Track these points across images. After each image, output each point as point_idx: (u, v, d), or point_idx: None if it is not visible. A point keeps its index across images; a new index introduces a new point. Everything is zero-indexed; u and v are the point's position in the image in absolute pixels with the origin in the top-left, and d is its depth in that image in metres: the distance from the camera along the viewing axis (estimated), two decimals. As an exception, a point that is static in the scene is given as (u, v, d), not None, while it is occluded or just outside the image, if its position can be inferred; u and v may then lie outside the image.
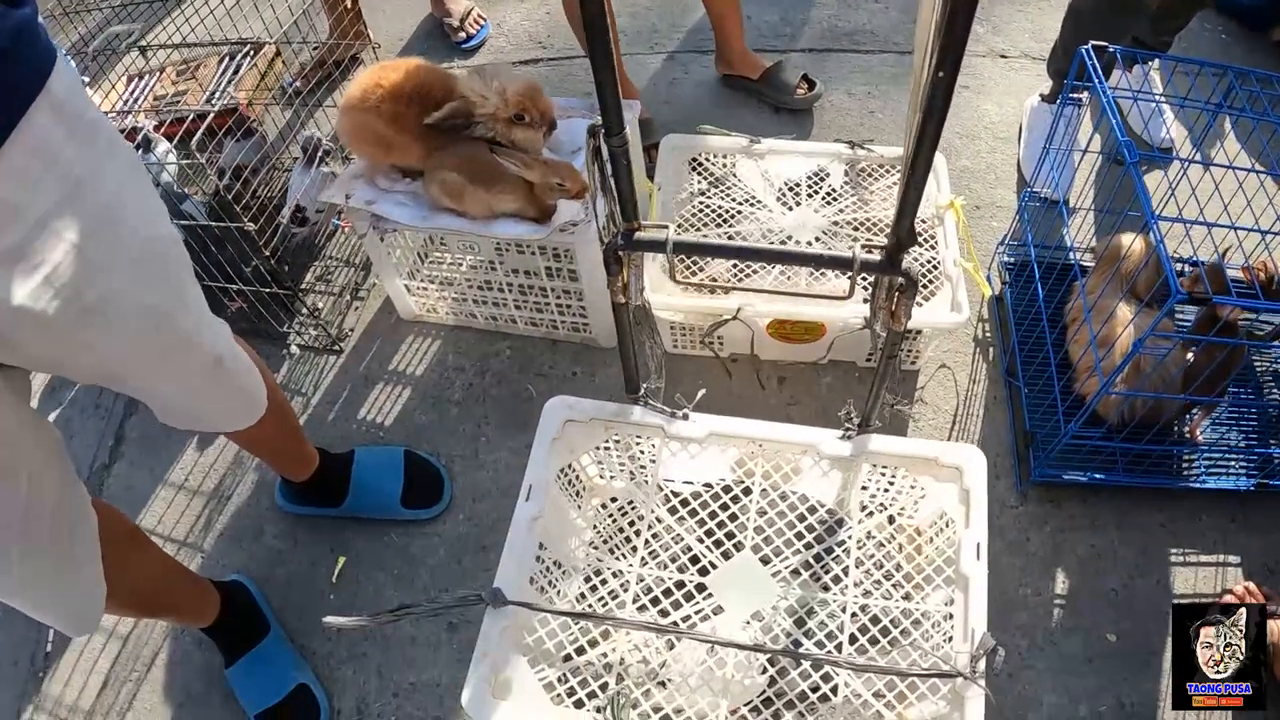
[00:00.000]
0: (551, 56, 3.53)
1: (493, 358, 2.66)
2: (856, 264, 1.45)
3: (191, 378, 1.56)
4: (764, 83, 3.12)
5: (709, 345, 2.34)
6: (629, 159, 1.44)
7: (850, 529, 1.86)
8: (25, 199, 1.11)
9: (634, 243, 1.54)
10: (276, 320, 2.71)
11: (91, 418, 2.72)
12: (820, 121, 3.14)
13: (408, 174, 2.38)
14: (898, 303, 1.55)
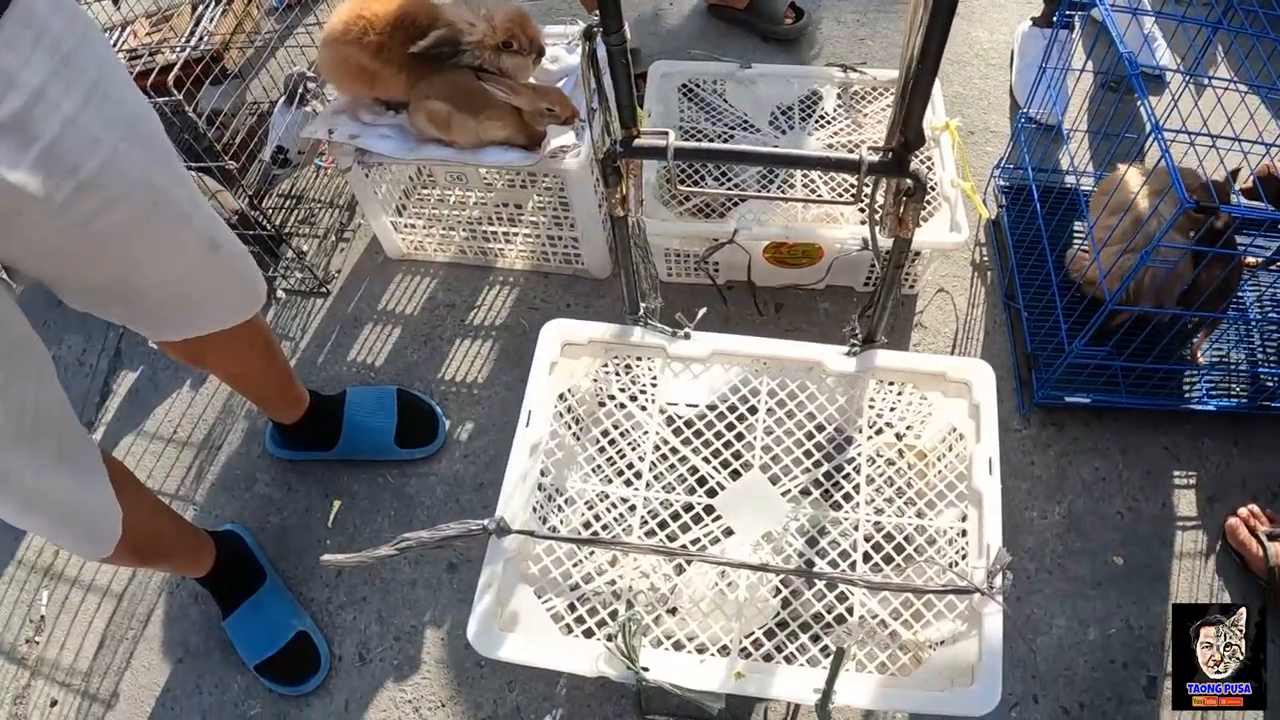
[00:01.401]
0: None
1: (484, 293, 2.61)
2: (864, 165, 1.40)
3: (188, 261, 1.52)
4: (751, 12, 3.06)
5: (705, 271, 2.29)
6: (628, 59, 1.38)
7: (859, 446, 1.82)
8: (19, 69, 1.10)
9: (633, 149, 1.48)
10: (261, 265, 2.59)
11: (76, 376, 2.66)
12: (809, 50, 3.08)
13: (392, 107, 2.31)
14: (906, 207, 1.50)
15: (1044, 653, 2.00)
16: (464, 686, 2.04)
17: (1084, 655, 2.00)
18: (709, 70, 2.56)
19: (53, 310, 2.80)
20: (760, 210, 2.29)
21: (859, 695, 1.47)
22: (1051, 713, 1.94)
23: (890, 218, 1.53)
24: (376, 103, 2.31)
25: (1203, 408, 2.21)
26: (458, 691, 2.03)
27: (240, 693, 2.07)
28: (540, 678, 2.02)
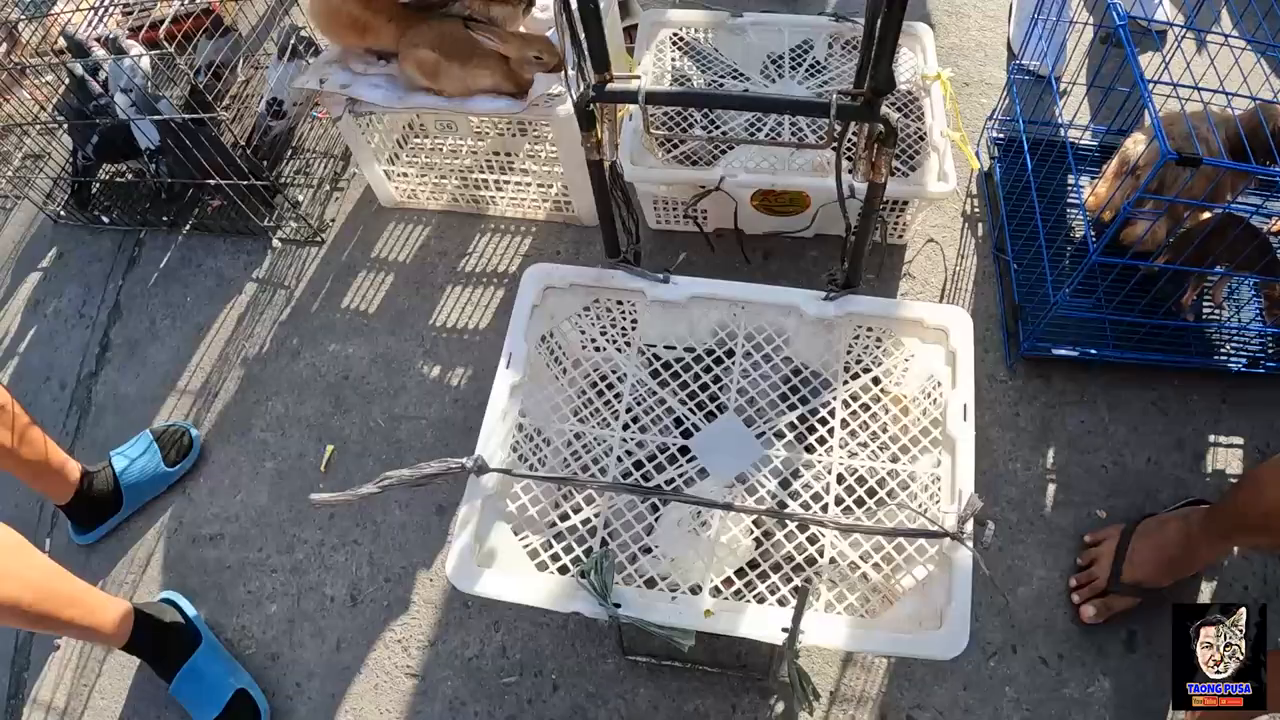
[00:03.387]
0: None
1: (476, 241, 2.62)
2: (833, 108, 1.40)
3: None
4: None
5: (692, 218, 2.29)
6: (598, 4, 1.39)
7: (835, 391, 1.82)
8: None
9: (605, 94, 1.49)
10: (257, 215, 2.68)
11: (76, 328, 2.69)
12: (808, 4, 3.05)
13: (383, 56, 2.32)
14: (878, 152, 1.51)
15: (1024, 603, 2.00)
16: (452, 626, 2.06)
17: (1064, 607, 2.00)
18: (699, 19, 2.54)
19: (53, 263, 2.83)
20: (748, 158, 2.29)
21: (827, 635, 1.48)
22: (1029, 663, 1.95)
23: (863, 162, 1.54)
24: (368, 53, 2.32)
25: (1191, 364, 2.20)
26: (446, 631, 2.06)
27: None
28: (525, 618, 2.05)
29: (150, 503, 2.32)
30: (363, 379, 2.41)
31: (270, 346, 2.52)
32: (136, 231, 2.85)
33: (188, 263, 2.74)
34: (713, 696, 1.94)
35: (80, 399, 2.56)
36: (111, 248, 2.83)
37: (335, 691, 2.04)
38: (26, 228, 2.99)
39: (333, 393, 2.41)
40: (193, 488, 2.34)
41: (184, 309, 2.64)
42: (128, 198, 2.94)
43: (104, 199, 2.97)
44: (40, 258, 2.88)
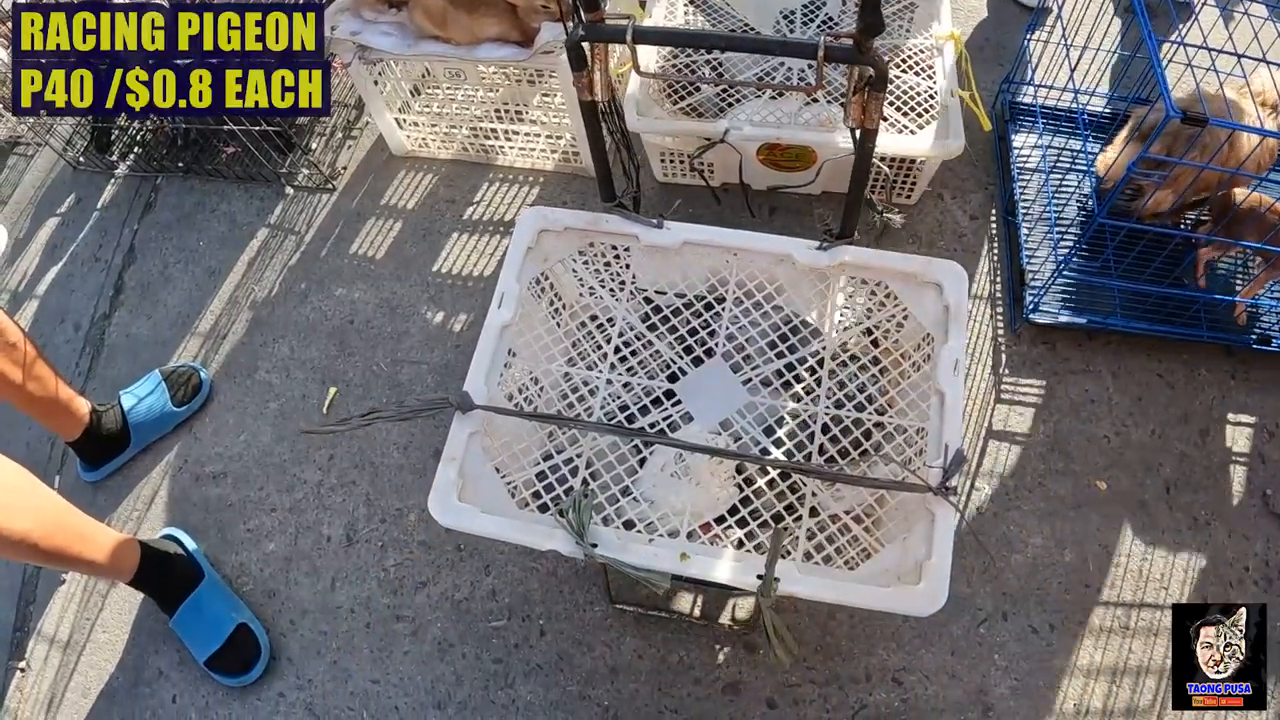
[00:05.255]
0: None
1: (483, 190, 2.63)
2: (821, 49, 1.39)
3: None
4: None
5: (698, 171, 2.28)
6: None
7: (825, 341, 1.81)
8: None
9: (594, 32, 1.49)
10: (271, 161, 2.70)
11: (91, 271, 2.71)
12: None
13: (393, 4, 2.32)
14: (868, 97, 1.49)
15: (1017, 570, 1.99)
16: (444, 568, 2.08)
17: (1058, 577, 1.99)
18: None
19: (71, 208, 2.86)
20: (754, 111, 2.27)
21: (803, 585, 1.47)
22: (1020, 631, 1.94)
23: (854, 107, 1.52)
24: (379, 1, 2.32)
25: (1199, 337, 2.17)
26: (437, 573, 2.08)
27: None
28: (515, 563, 2.06)
29: (157, 441, 2.35)
30: (367, 323, 2.43)
31: (279, 290, 2.54)
32: (153, 178, 2.86)
33: (202, 208, 2.76)
34: (698, 648, 1.94)
35: (94, 340, 2.59)
36: (128, 194, 2.85)
37: (328, 629, 2.05)
38: (46, 173, 3.01)
39: (338, 336, 2.42)
40: (199, 427, 2.36)
41: (196, 253, 2.66)
42: (145, 145, 2.95)
43: (122, 146, 2.98)
44: (59, 203, 2.90)
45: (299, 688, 2.01)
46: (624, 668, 1.94)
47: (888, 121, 2.28)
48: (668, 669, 1.93)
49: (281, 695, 2.01)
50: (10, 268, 2.74)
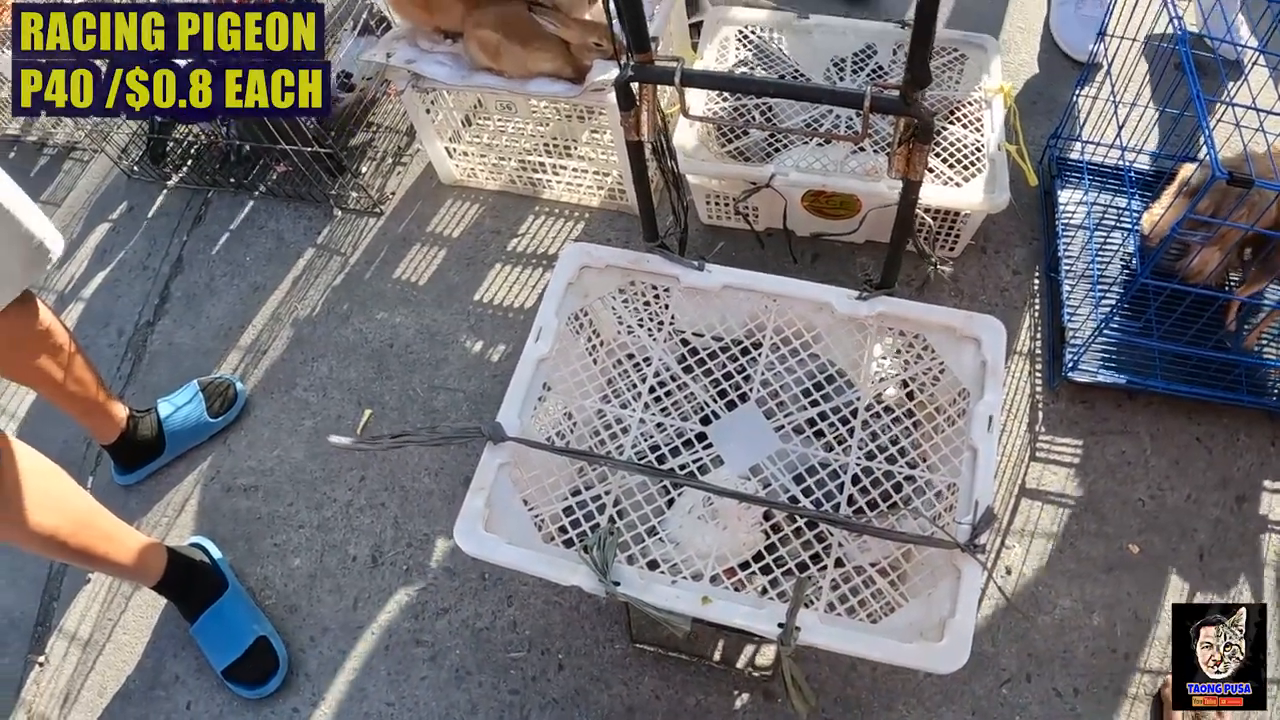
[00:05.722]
0: None
1: (529, 223, 2.65)
2: (867, 99, 1.40)
3: None
4: None
5: (743, 215, 2.28)
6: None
7: (859, 392, 1.81)
8: None
9: (643, 73, 1.50)
10: (321, 183, 2.74)
11: (139, 278, 2.76)
12: (876, 10, 3.02)
13: (449, 35, 2.36)
14: (913, 148, 1.49)
15: (1043, 631, 1.96)
16: (466, 596, 2.08)
17: (1085, 640, 1.96)
18: (765, 18, 2.53)
19: (123, 215, 2.91)
20: (800, 158, 2.28)
21: (824, 636, 1.46)
22: (1043, 694, 1.91)
23: (898, 158, 1.52)
24: (435, 31, 2.37)
25: (1241, 401, 2.14)
26: (460, 600, 2.08)
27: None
28: (537, 595, 2.06)
29: (191, 450, 2.38)
30: (407, 348, 2.45)
31: (321, 310, 2.57)
32: (204, 191, 2.91)
33: (250, 224, 2.80)
34: (716, 693, 1.93)
35: (136, 345, 2.63)
36: (179, 205, 2.89)
37: (347, 649, 2.06)
38: (101, 180, 3.07)
39: (377, 359, 2.44)
40: (233, 439, 2.39)
41: (243, 268, 2.69)
42: (198, 158, 3.00)
43: (176, 158, 3.03)
44: (111, 209, 2.95)
45: (313, 704, 2.02)
46: (641, 707, 1.93)
47: (933, 173, 2.28)
48: (685, 711, 1.92)
49: (295, 710, 2.02)
50: (60, 270, 2.79)
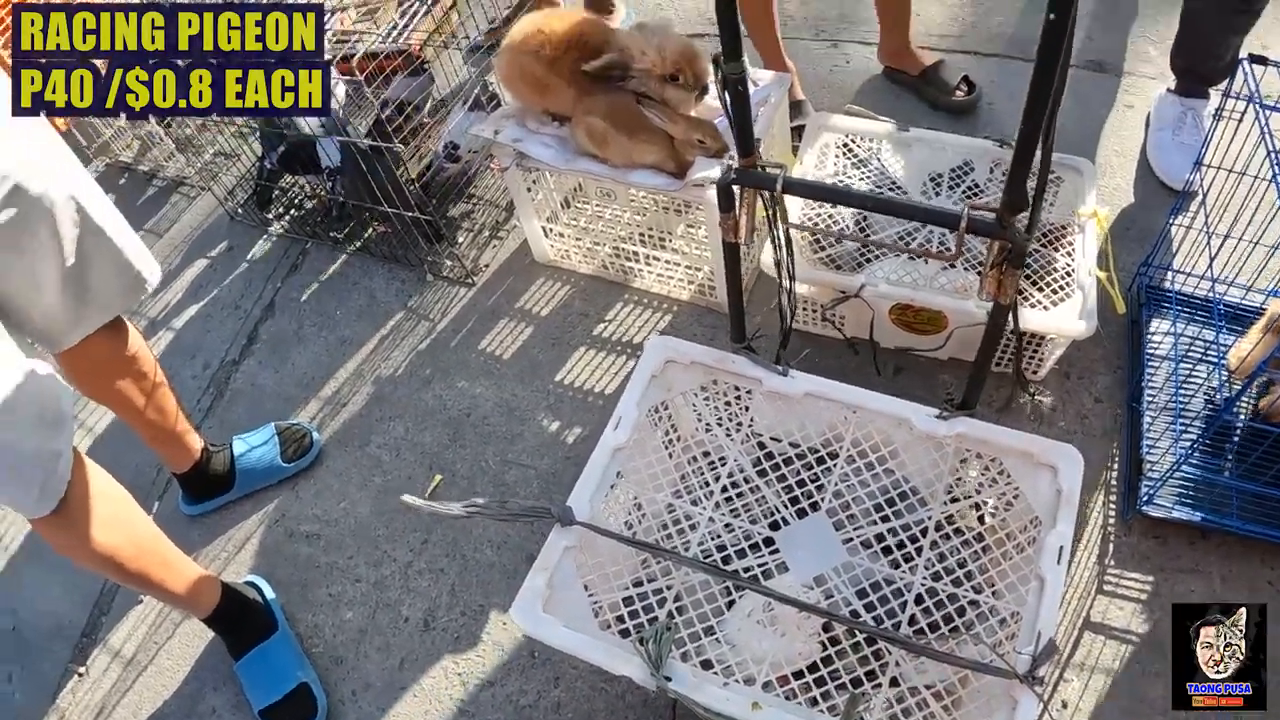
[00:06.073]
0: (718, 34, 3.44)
1: (617, 309, 2.68)
2: (963, 220, 1.42)
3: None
4: (924, 79, 3.06)
5: (830, 321, 2.31)
6: (746, 88, 1.46)
7: (931, 511, 1.81)
8: None
9: (745, 177, 1.54)
10: (417, 248, 2.82)
11: (230, 316, 2.87)
12: (976, 125, 3.04)
13: (557, 118, 2.43)
14: (1005, 272, 1.51)
15: (1096, 772, 1.94)
16: (514, 672, 2.09)
17: (1139, 783, 1.93)
18: (866, 128, 2.58)
19: (222, 254, 3.03)
20: (890, 271, 2.30)
21: (874, 755, 1.46)
22: (1089, 835, 1.88)
23: (990, 280, 1.54)
24: (544, 113, 2.44)
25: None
26: (507, 675, 2.09)
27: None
28: (585, 680, 2.06)
29: (259, 490, 2.45)
30: (484, 419, 2.49)
31: (404, 371, 2.63)
32: (303, 241, 3.01)
33: (344, 279, 2.89)
34: (755, 800, 1.92)
35: (219, 381, 2.73)
36: (278, 251, 3.00)
37: (386, 707, 2.09)
38: (205, 217, 3.21)
39: (453, 426, 2.49)
40: (302, 485, 2.46)
41: (332, 320, 2.78)
42: (301, 209, 3.11)
43: (279, 206, 3.14)
44: (211, 247, 3.07)
45: (346, 758, 2.06)
46: (678, 804, 1.92)
47: (1022, 295, 2.28)
48: (723, 815, 1.91)
49: (328, 761, 2.07)
50: (154, 299, 2.91)
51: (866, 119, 2.58)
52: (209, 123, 3.16)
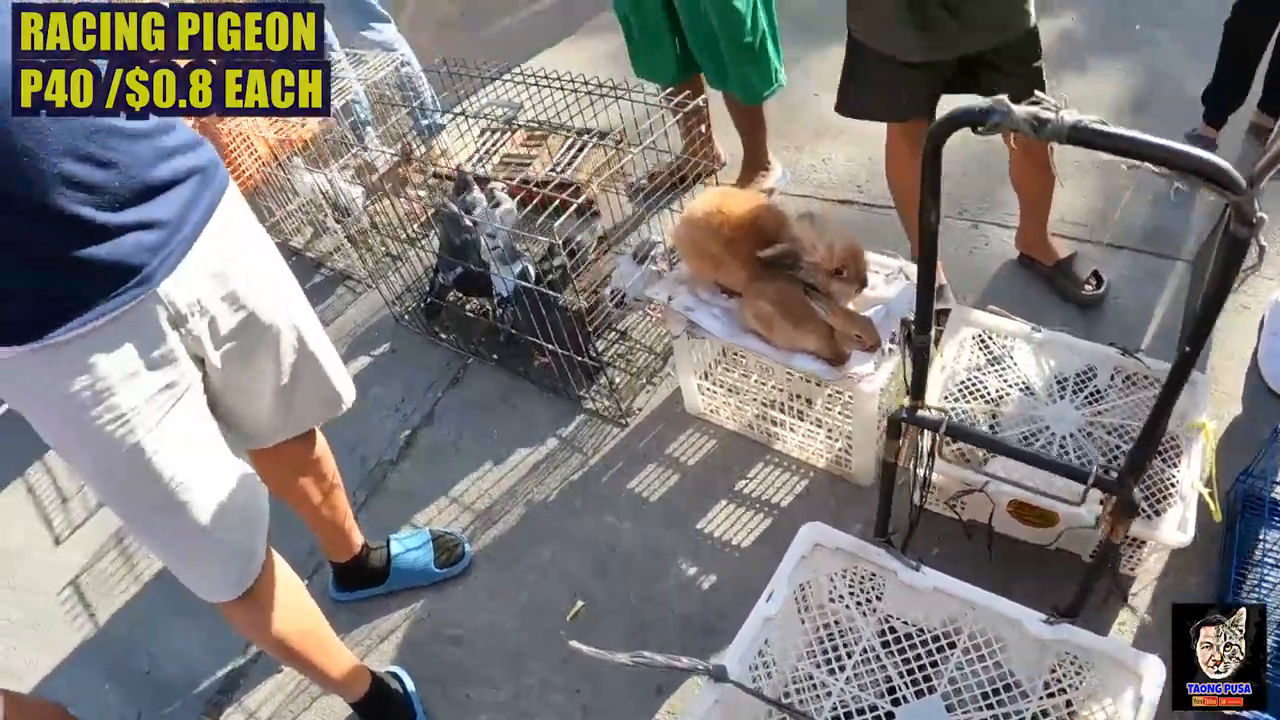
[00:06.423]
0: (866, 202, 3.97)
1: (758, 468, 3.06)
2: (1090, 478, 1.84)
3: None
4: (1056, 270, 3.39)
5: (952, 508, 2.69)
6: (929, 352, 1.89)
7: (1030, 703, 2.19)
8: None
9: (914, 418, 2.00)
10: (576, 383, 3.22)
11: (390, 417, 3.32)
12: (1103, 318, 3.34)
13: (726, 291, 2.83)
14: (1118, 518, 1.93)
15: None
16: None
17: None
18: (1003, 326, 2.95)
19: (385, 354, 3.49)
20: (1012, 469, 2.61)
21: None
22: None
23: (1104, 521, 1.97)
24: (714, 284, 2.85)
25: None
26: (631, 799, 2.44)
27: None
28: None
29: (407, 588, 2.87)
30: (628, 555, 2.87)
31: (556, 499, 3.04)
32: (465, 357, 3.45)
33: (504, 400, 3.31)
34: None
35: (375, 479, 3.18)
36: (439, 362, 3.45)
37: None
38: (371, 314, 3.67)
39: (598, 558, 2.88)
40: (451, 589, 2.87)
41: (489, 438, 3.21)
42: (468, 326, 3.51)
43: (447, 320, 3.56)
44: (375, 345, 3.53)
45: None
46: None
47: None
48: None
49: None
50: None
51: (1004, 316, 2.94)
52: (382, 224, 3.61)
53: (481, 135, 3.98)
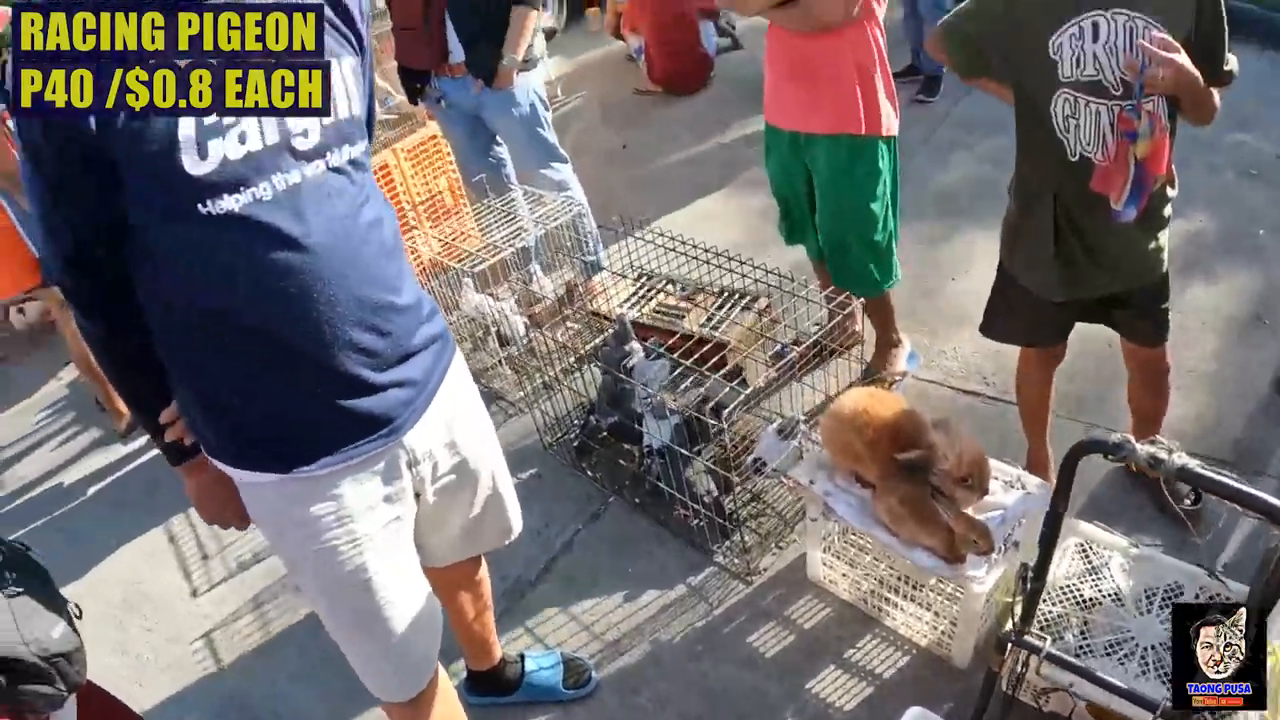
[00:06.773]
0: (991, 395, 4.36)
1: (865, 639, 3.41)
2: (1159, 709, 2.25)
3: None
4: (1160, 482, 3.65)
5: (1036, 700, 3.14)
6: (1041, 588, 2.41)
7: None
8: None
9: (1019, 641, 2.54)
10: (711, 539, 3.68)
11: (532, 541, 3.79)
12: (1199, 533, 3.58)
13: (861, 481, 3.32)
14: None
15: None
16: None
17: None
18: (1103, 538, 3.37)
19: (530, 479, 4.01)
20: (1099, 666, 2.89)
21: None
22: None
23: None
24: (851, 474, 3.35)
25: None
26: None
27: None
28: None
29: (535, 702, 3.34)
30: (739, 701, 3.28)
31: (679, 642, 3.48)
32: (607, 495, 3.91)
33: (639, 543, 3.77)
34: None
35: (513, 597, 3.64)
36: (582, 495, 3.94)
37: None
38: (520, 438, 4.17)
39: (712, 701, 3.30)
40: (574, 710, 3.31)
41: (623, 575, 3.68)
42: (615, 467, 3.95)
43: (596, 459, 3.99)
44: (521, 469, 4.00)
45: None
46: None
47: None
48: None
49: None
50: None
51: (1105, 532, 3.39)
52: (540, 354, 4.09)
53: (639, 279, 4.50)
